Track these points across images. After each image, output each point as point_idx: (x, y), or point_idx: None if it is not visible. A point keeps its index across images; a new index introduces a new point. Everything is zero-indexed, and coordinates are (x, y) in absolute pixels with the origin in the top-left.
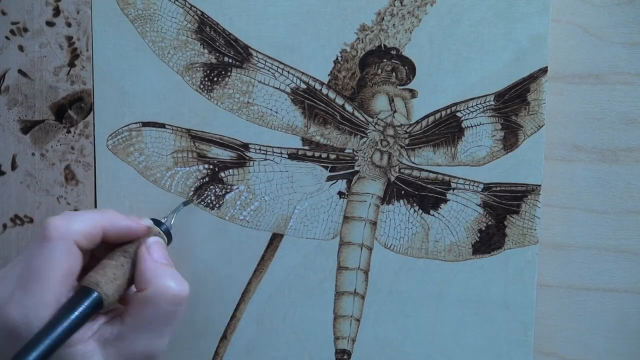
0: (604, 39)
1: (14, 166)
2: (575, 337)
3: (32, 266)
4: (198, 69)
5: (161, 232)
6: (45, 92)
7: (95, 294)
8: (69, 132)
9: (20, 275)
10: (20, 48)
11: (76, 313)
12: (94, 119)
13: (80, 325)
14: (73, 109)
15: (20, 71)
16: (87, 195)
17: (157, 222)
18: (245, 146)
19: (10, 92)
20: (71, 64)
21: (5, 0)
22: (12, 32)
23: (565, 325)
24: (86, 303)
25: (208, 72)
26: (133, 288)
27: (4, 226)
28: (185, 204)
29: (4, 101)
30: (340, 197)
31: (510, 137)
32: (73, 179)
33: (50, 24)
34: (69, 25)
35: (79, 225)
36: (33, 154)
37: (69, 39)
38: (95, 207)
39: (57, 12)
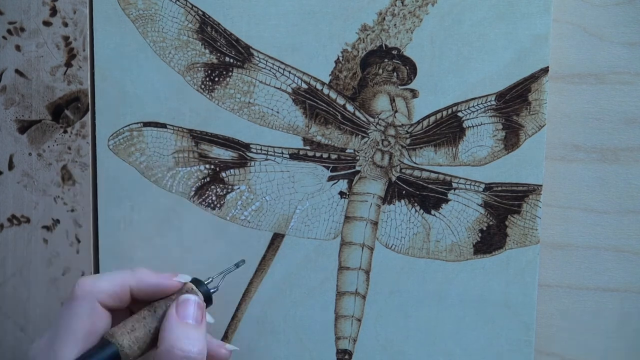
0: (603, 39)
1: (11, 166)
2: (575, 337)
3: (58, 325)
4: (199, 69)
5: (197, 291)
6: (42, 92)
7: (110, 345)
8: (65, 132)
9: (49, 334)
10: (17, 48)
11: None
12: (91, 119)
13: None
14: (70, 109)
15: (17, 71)
16: (84, 196)
17: (196, 282)
18: (247, 146)
19: (7, 91)
20: (68, 64)
21: (2, 0)
22: (9, 31)
23: (565, 325)
24: (101, 353)
25: (209, 72)
26: None
27: (1, 226)
28: (236, 265)
29: (1, 101)
30: (341, 197)
31: (512, 137)
32: (70, 179)
33: (47, 23)
34: (65, 25)
35: (105, 285)
36: (30, 154)
37: (66, 38)
38: (95, 208)
39: (53, 12)
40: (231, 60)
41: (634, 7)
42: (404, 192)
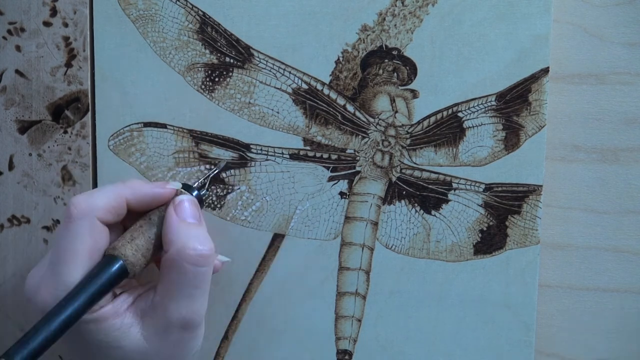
0: (604, 39)
1: (11, 166)
2: (576, 337)
3: (58, 248)
4: (199, 69)
5: (189, 193)
6: (43, 92)
7: (114, 258)
8: (65, 132)
9: (50, 258)
10: (18, 48)
11: (96, 279)
12: (91, 120)
13: (104, 290)
14: (70, 109)
15: (17, 71)
16: None
17: (187, 187)
18: (247, 146)
19: (7, 92)
20: (68, 65)
21: (2, 0)
22: (9, 32)
23: (566, 325)
24: (107, 268)
25: (209, 72)
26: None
27: (1, 226)
28: (219, 167)
29: (1, 101)
30: (341, 198)
31: (512, 138)
32: (70, 179)
33: (47, 24)
34: (65, 25)
35: (101, 201)
36: (30, 155)
37: (66, 39)
38: None
39: (54, 12)
40: (231, 61)
41: (634, 8)
42: (404, 192)
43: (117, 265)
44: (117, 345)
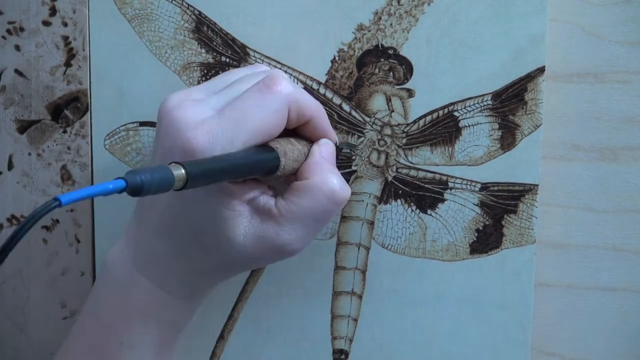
0: (602, 38)
1: (10, 166)
2: (575, 336)
3: (243, 110)
4: (195, 68)
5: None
6: (42, 91)
7: (274, 152)
8: (65, 132)
9: (222, 110)
10: (17, 48)
11: (253, 158)
12: (90, 119)
13: (259, 168)
14: (69, 108)
15: (16, 71)
16: None
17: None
18: None
19: (6, 91)
20: (67, 64)
21: (1, 0)
22: (8, 31)
23: (565, 324)
24: (264, 155)
25: (205, 71)
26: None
27: (1, 226)
28: (350, 146)
29: (1, 101)
30: None
31: (508, 137)
32: (69, 179)
33: (46, 23)
34: (65, 25)
35: (300, 91)
36: (29, 154)
37: (65, 38)
38: (92, 207)
39: (53, 11)
40: (227, 60)
41: (633, 6)
42: (400, 191)
43: (273, 156)
44: (216, 226)
